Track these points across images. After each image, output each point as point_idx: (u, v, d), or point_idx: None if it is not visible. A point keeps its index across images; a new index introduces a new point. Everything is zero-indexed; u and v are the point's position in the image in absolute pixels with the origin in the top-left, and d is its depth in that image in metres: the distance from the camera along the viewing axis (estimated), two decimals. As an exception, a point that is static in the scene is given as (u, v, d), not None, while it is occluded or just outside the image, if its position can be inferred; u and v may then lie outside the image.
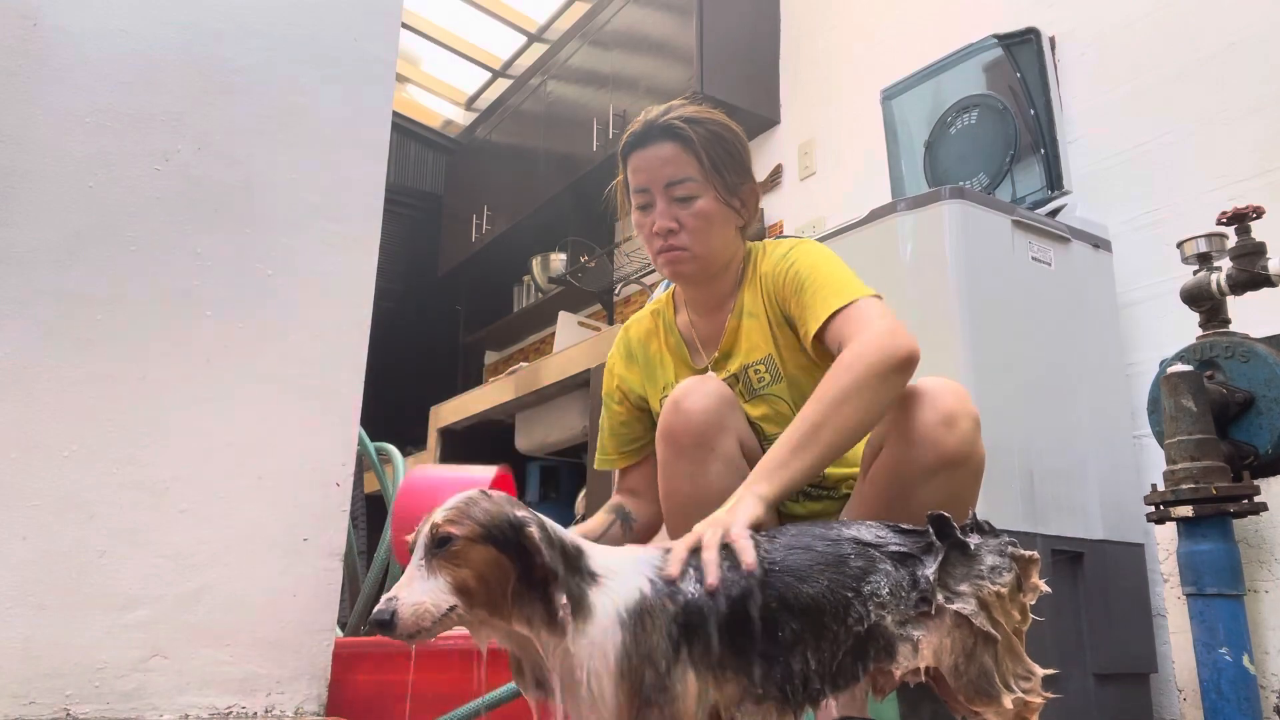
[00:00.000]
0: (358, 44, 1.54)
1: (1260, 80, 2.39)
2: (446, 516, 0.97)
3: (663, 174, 1.52)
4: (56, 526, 1.20)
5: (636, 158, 1.55)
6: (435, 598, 0.94)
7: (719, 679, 0.99)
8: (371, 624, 0.94)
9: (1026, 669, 1.07)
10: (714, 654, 0.99)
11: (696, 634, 0.99)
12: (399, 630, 0.93)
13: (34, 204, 1.26)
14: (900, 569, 1.07)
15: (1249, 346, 1.91)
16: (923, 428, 1.32)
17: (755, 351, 1.54)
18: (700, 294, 1.61)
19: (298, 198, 1.45)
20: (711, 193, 1.53)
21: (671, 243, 1.53)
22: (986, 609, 1.06)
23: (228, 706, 1.26)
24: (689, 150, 1.52)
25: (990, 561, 1.09)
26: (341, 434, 1.43)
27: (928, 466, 1.32)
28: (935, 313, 2.17)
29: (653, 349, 1.67)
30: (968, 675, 1.04)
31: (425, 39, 5.31)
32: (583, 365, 3.35)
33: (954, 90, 2.78)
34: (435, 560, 0.95)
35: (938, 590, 1.06)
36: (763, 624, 1.01)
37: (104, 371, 1.27)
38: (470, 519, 0.97)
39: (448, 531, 0.96)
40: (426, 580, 0.95)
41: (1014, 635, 1.07)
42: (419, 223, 5.82)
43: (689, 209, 1.52)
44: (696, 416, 1.42)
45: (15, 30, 1.28)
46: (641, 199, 1.55)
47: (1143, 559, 2.32)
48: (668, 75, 3.89)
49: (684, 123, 1.53)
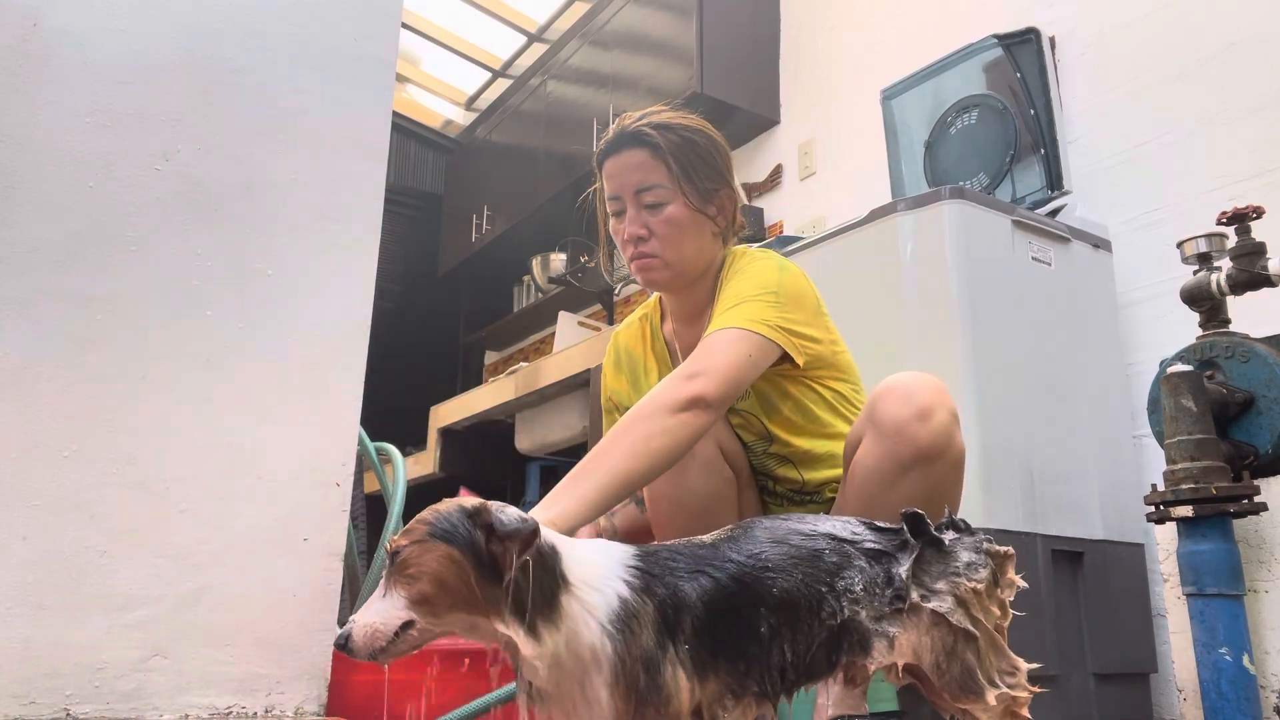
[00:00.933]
0: (358, 44, 1.54)
1: (1260, 80, 2.39)
2: (395, 536, 0.96)
3: (632, 180, 1.52)
4: (56, 526, 1.20)
5: (609, 164, 1.56)
6: (386, 617, 0.92)
7: (701, 676, 0.98)
8: (334, 647, 0.93)
9: (1010, 664, 1.07)
10: (694, 651, 0.98)
11: (676, 632, 0.98)
12: (356, 653, 0.92)
13: (34, 204, 1.26)
14: (875, 565, 1.06)
15: (1249, 346, 1.90)
16: (896, 422, 1.32)
17: None
18: (678, 302, 1.62)
19: (298, 198, 1.45)
20: (681, 199, 1.52)
21: (642, 250, 1.53)
22: (964, 606, 1.05)
23: (228, 706, 1.26)
24: (657, 156, 1.51)
25: (966, 558, 1.08)
26: (341, 434, 1.43)
27: (903, 462, 1.32)
28: (935, 313, 2.17)
29: (638, 355, 1.68)
30: (950, 673, 1.04)
31: (425, 39, 5.31)
32: (583, 365, 3.35)
33: (954, 90, 2.78)
34: (391, 578, 0.94)
35: (913, 588, 1.05)
36: (739, 620, 1.00)
37: (104, 371, 1.27)
38: (412, 529, 0.95)
39: (394, 545, 0.94)
40: (382, 600, 0.93)
41: (995, 631, 1.07)
42: (419, 223, 5.82)
43: (658, 215, 1.52)
44: None
45: (15, 30, 1.28)
46: (615, 206, 1.56)
47: (1143, 559, 2.32)
48: (668, 75, 3.89)
49: (654, 129, 1.52)
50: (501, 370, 5.00)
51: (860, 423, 1.41)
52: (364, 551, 2.13)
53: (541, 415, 3.73)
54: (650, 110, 1.57)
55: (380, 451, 2.07)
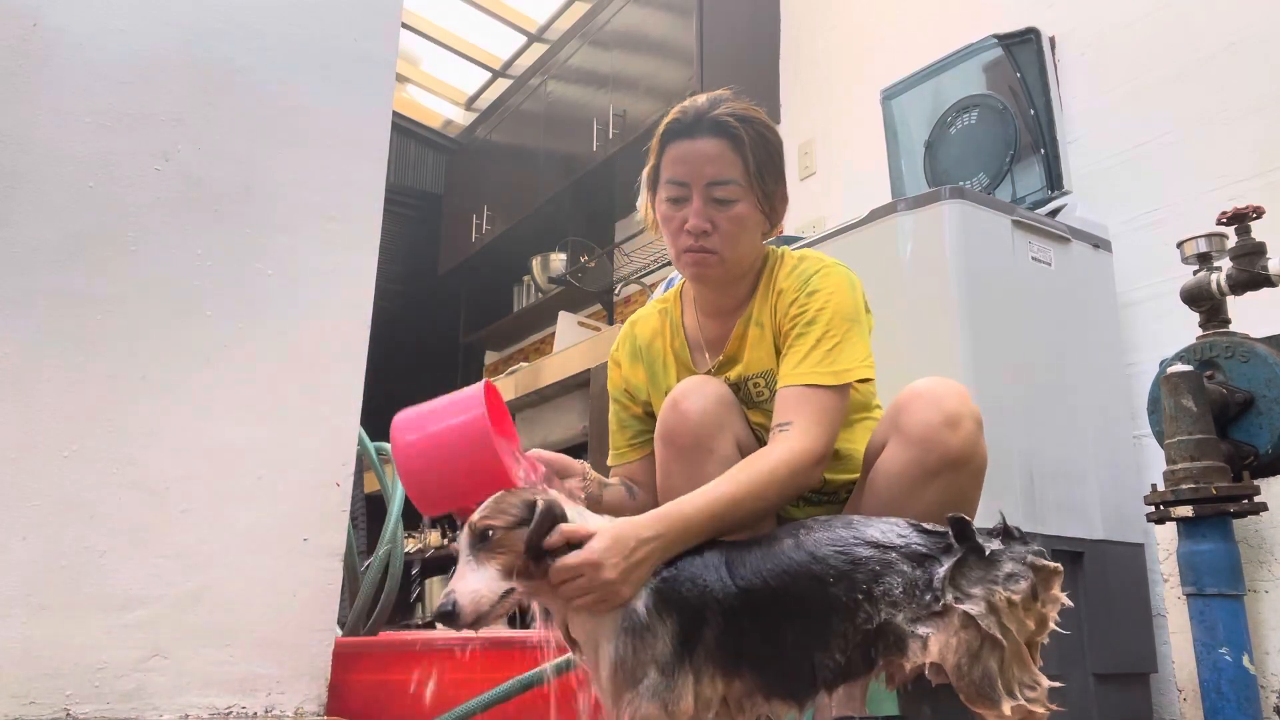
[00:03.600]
0: (358, 44, 1.54)
1: (1260, 80, 2.39)
2: (482, 514, 1.09)
3: (706, 171, 1.44)
4: (56, 526, 1.20)
5: (680, 147, 1.46)
6: (489, 584, 1.05)
7: (727, 675, 1.06)
8: (435, 617, 1.03)
9: (1033, 679, 1.08)
10: (719, 652, 1.06)
11: (700, 632, 1.06)
12: (461, 620, 1.02)
13: (34, 204, 1.26)
14: (917, 569, 1.09)
15: (1249, 346, 1.90)
16: (925, 429, 1.32)
17: (756, 364, 1.51)
18: (715, 297, 1.56)
19: (298, 198, 1.45)
20: (750, 198, 1.46)
21: (703, 244, 1.46)
22: (996, 613, 1.06)
23: (228, 706, 1.26)
24: (737, 151, 1.45)
25: (1008, 569, 1.10)
26: (341, 434, 1.43)
27: (930, 468, 1.32)
28: (935, 313, 2.17)
29: (657, 349, 1.63)
30: (970, 676, 1.05)
31: (425, 39, 5.31)
32: (583, 365, 3.35)
33: (954, 90, 2.78)
34: (481, 553, 1.06)
35: (949, 589, 1.07)
36: (771, 626, 1.06)
37: (104, 371, 1.27)
38: (503, 512, 1.09)
39: (486, 525, 1.07)
40: (477, 571, 1.05)
41: (1025, 644, 1.08)
42: (419, 223, 5.82)
43: (726, 212, 1.45)
44: (694, 417, 1.42)
45: (15, 30, 1.28)
46: (677, 191, 1.47)
47: (1143, 559, 2.32)
48: (668, 75, 3.89)
49: (736, 120, 1.45)
50: (501, 370, 5.00)
51: (883, 428, 1.40)
52: (364, 551, 2.13)
53: (541, 415, 3.73)
54: (720, 95, 1.49)
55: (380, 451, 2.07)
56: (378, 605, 1.85)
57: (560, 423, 3.61)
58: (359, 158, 1.52)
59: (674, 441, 1.43)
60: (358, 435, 1.47)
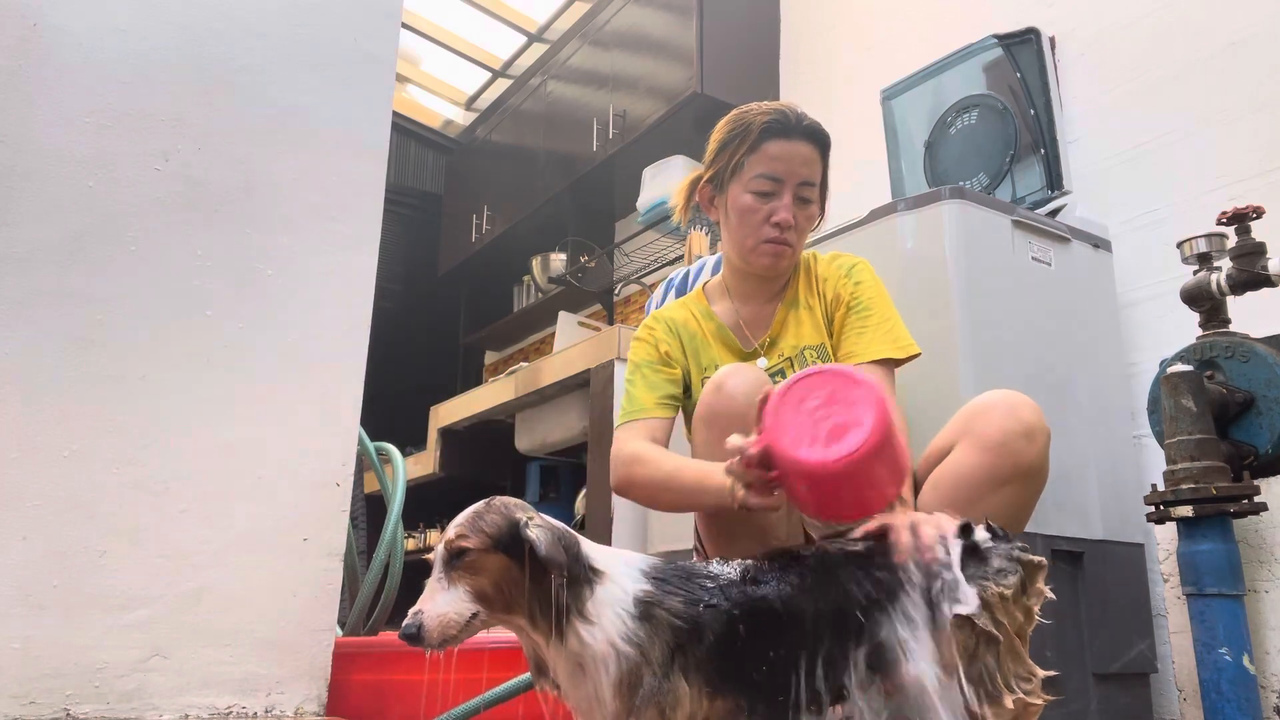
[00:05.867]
0: (358, 44, 1.54)
1: (1261, 80, 2.39)
2: (458, 531, 1.04)
3: (801, 172, 1.63)
4: (56, 526, 1.20)
5: (779, 146, 1.62)
6: (457, 607, 1.01)
7: (711, 694, 1.03)
8: (400, 636, 1.00)
9: (1028, 670, 1.08)
10: (705, 668, 1.03)
11: (691, 645, 1.03)
12: (427, 641, 0.99)
13: (34, 204, 1.26)
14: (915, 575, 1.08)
15: (1249, 346, 1.90)
16: (1005, 436, 1.35)
17: (808, 338, 1.67)
18: (757, 284, 1.72)
19: (298, 198, 1.45)
20: (819, 202, 1.68)
21: (785, 237, 1.63)
22: (989, 609, 1.07)
23: (228, 706, 1.26)
24: (823, 158, 1.66)
25: (997, 564, 1.10)
26: (341, 434, 1.43)
27: (1002, 475, 1.35)
28: (935, 313, 2.17)
29: (693, 328, 1.73)
30: (969, 675, 1.05)
31: (425, 39, 5.31)
32: (583, 365, 3.35)
33: (954, 90, 2.78)
34: (453, 572, 1.02)
35: (945, 599, 1.07)
36: (756, 645, 1.04)
37: (104, 371, 1.27)
38: (480, 531, 1.04)
39: (461, 545, 1.03)
40: (447, 591, 1.02)
41: (1016, 637, 1.08)
42: (419, 223, 5.82)
43: (805, 211, 1.65)
44: (740, 399, 1.44)
45: (15, 30, 1.28)
46: (769, 185, 1.63)
47: (1143, 559, 2.32)
48: (668, 75, 3.89)
49: (823, 131, 1.66)
50: (501, 370, 5.00)
51: (953, 431, 1.43)
52: (364, 551, 2.13)
53: (541, 415, 3.73)
54: (792, 105, 1.67)
55: (380, 451, 2.07)
56: (378, 605, 1.85)
57: (560, 423, 3.61)
58: (359, 158, 1.52)
59: (717, 421, 1.45)
60: (358, 435, 1.47)
